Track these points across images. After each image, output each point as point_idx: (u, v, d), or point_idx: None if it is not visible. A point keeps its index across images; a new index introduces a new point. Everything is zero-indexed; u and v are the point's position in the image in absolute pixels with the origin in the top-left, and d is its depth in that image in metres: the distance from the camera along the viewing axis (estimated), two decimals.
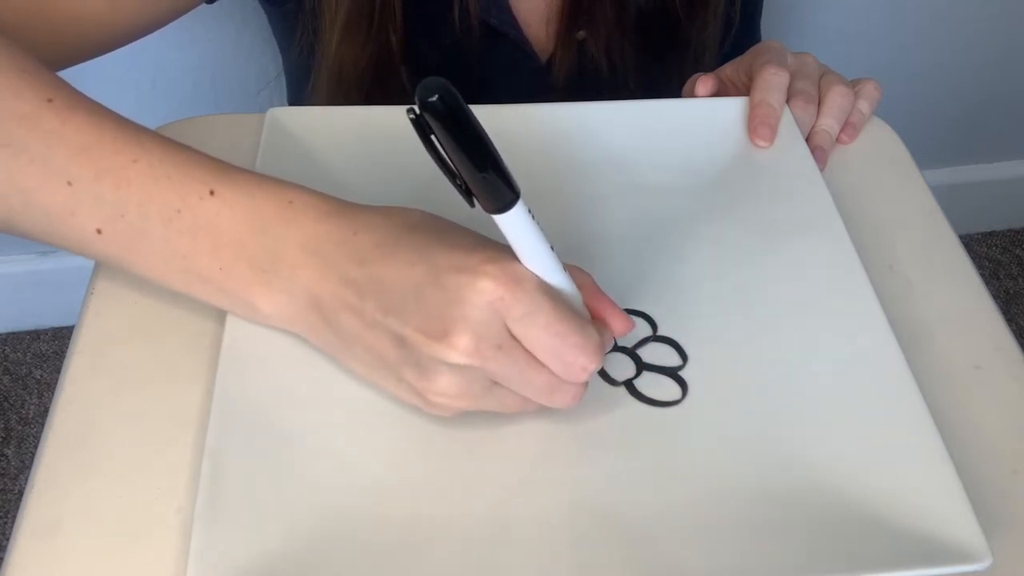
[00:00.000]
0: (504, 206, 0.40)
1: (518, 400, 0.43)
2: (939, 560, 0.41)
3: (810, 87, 0.64)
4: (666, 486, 0.44)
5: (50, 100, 0.45)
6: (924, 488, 0.44)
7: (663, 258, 0.54)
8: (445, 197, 0.43)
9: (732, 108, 0.63)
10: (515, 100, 0.61)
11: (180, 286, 0.47)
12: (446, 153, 0.39)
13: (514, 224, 0.41)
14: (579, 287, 0.45)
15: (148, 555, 0.41)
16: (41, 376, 1.40)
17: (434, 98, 0.37)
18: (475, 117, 0.38)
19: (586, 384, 0.44)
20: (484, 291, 0.41)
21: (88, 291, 0.51)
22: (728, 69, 0.68)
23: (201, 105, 1.21)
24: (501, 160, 0.39)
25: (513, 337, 0.42)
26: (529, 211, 0.41)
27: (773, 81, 0.62)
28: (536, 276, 0.42)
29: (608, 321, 0.45)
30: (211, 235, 0.45)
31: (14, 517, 0.48)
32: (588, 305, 0.45)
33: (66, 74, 0.49)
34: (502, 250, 0.43)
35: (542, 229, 0.42)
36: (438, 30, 0.73)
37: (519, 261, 0.42)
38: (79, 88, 0.47)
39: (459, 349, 0.41)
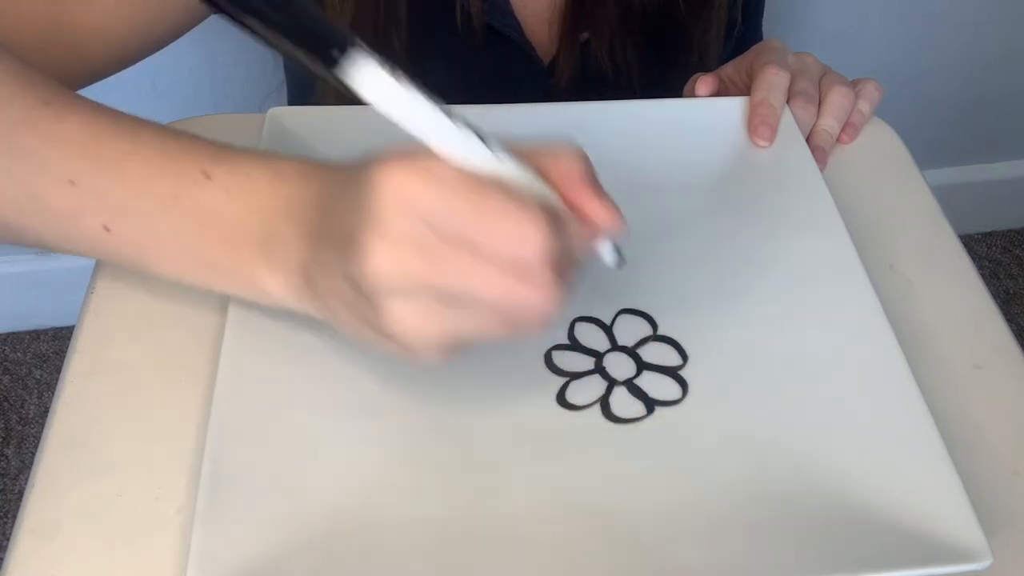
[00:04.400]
0: (331, 59, 0.33)
1: (487, 317, 0.38)
2: (939, 560, 0.41)
3: (811, 87, 0.64)
4: (665, 486, 0.44)
5: (47, 103, 0.44)
6: (924, 488, 0.44)
7: (663, 258, 0.54)
8: None
9: (732, 108, 0.63)
10: (518, 102, 0.61)
11: (195, 279, 0.45)
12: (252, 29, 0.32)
13: (369, 87, 0.33)
14: (561, 177, 0.39)
15: (148, 555, 0.41)
16: (41, 376, 1.40)
17: None
18: None
19: (559, 291, 0.37)
20: (383, 186, 0.36)
21: (88, 291, 0.51)
22: (729, 69, 0.68)
23: (201, 106, 1.21)
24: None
25: (443, 240, 0.36)
26: (408, 79, 0.33)
27: (774, 81, 0.62)
28: (455, 163, 0.36)
29: (587, 212, 0.38)
30: (212, 219, 0.43)
31: (14, 517, 0.48)
32: (566, 198, 0.39)
33: None
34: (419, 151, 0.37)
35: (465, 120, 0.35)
36: (441, 34, 0.73)
37: (433, 156, 0.37)
38: (81, 91, 0.47)
39: (377, 259, 0.36)
